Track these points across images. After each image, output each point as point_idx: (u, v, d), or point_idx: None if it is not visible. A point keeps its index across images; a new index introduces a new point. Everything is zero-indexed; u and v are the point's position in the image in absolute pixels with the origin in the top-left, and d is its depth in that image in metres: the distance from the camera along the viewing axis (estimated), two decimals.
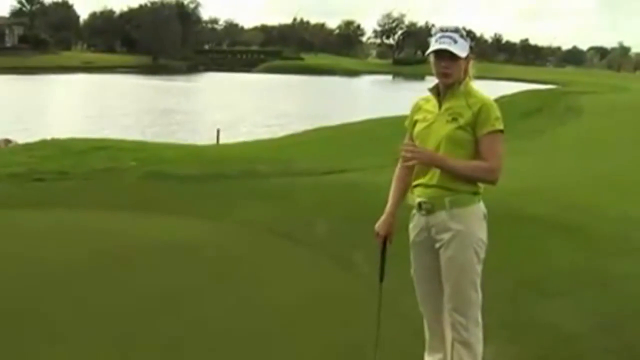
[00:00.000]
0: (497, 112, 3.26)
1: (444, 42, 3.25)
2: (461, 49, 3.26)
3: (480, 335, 3.40)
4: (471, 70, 3.37)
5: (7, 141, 16.73)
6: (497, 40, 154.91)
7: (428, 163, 3.29)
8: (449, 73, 3.28)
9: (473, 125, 3.23)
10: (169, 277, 5.46)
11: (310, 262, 5.98)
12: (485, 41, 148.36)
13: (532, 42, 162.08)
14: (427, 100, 3.44)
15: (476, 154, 3.25)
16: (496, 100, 3.38)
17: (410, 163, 3.31)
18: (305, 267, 5.87)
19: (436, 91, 3.37)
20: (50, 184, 8.74)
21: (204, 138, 19.95)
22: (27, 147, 11.94)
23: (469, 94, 3.30)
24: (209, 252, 6.16)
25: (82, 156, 10.37)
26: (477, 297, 3.35)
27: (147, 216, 7.29)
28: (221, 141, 18.99)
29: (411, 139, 3.47)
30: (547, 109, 22.98)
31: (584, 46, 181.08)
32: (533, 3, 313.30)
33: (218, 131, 20.30)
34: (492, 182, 3.26)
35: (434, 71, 3.32)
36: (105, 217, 7.28)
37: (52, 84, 60.13)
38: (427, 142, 3.33)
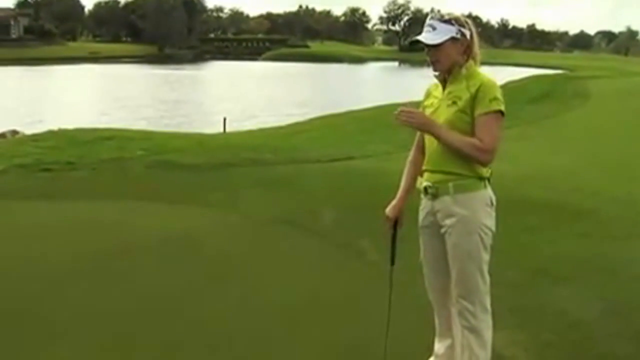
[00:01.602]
0: (495, 93, 3.18)
1: (425, 31, 3.25)
2: (439, 35, 3.22)
3: (489, 321, 3.38)
4: (477, 53, 3.31)
5: (14, 132, 16.76)
6: (504, 25, 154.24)
7: (421, 128, 3.26)
8: (435, 61, 3.27)
9: (472, 108, 3.18)
10: (172, 272, 5.39)
11: (317, 251, 5.95)
12: (492, 27, 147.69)
13: (538, 27, 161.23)
14: (437, 86, 3.41)
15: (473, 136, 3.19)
16: (503, 86, 3.33)
17: (405, 124, 3.22)
18: (312, 257, 5.83)
19: (442, 77, 3.34)
20: (58, 175, 8.73)
21: (216, 128, 19.84)
22: (34, 137, 11.88)
23: (470, 76, 3.25)
24: (213, 244, 6.09)
25: (89, 146, 10.34)
26: (485, 283, 3.32)
27: (153, 206, 7.25)
28: (232, 130, 18.92)
29: None
30: (555, 94, 22.86)
31: (591, 31, 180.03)
32: None
33: (224, 120, 20.27)
34: (484, 162, 3.19)
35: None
36: (112, 207, 7.26)
37: (59, 75, 60.13)
38: None
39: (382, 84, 56.46)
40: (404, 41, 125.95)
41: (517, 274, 5.18)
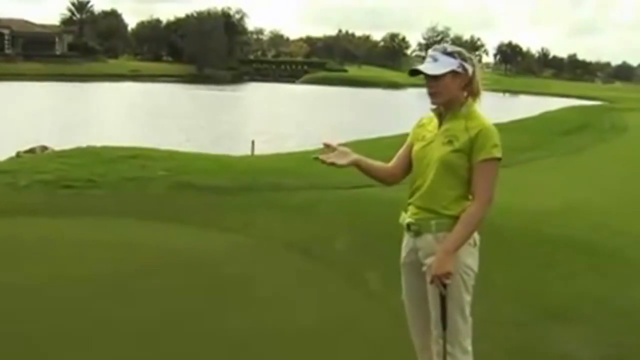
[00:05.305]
0: (496, 139, 3.12)
1: (426, 62, 3.17)
2: (440, 67, 3.14)
3: None
4: (478, 90, 3.23)
5: (44, 148, 16.98)
6: (544, 55, 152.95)
7: (449, 266, 3.09)
8: (433, 92, 3.18)
9: (469, 151, 3.10)
10: (186, 295, 5.41)
11: (325, 280, 5.85)
12: (532, 56, 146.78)
13: (580, 57, 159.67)
14: (431, 119, 3.33)
15: (468, 181, 3.13)
16: (539, 117, 3.23)
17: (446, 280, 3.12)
18: (316, 284, 5.77)
19: (438, 111, 3.25)
20: (79, 192, 8.82)
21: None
22: (60, 154, 12.04)
23: (469, 116, 3.17)
24: (226, 269, 6.09)
25: (112, 164, 10.41)
26: (465, 325, 3.21)
27: (170, 228, 7.28)
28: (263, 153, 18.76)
29: (409, 151, 3.36)
30: (591, 125, 22.49)
31: (634, 62, 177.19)
32: (582, 17, 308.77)
33: (253, 142, 20.26)
34: (487, 211, 3.14)
35: None
36: (129, 227, 7.28)
37: (100, 92, 61.10)
38: (421, 163, 3.24)
39: (419, 110, 56.05)
40: None
41: (524, 313, 5.01)
